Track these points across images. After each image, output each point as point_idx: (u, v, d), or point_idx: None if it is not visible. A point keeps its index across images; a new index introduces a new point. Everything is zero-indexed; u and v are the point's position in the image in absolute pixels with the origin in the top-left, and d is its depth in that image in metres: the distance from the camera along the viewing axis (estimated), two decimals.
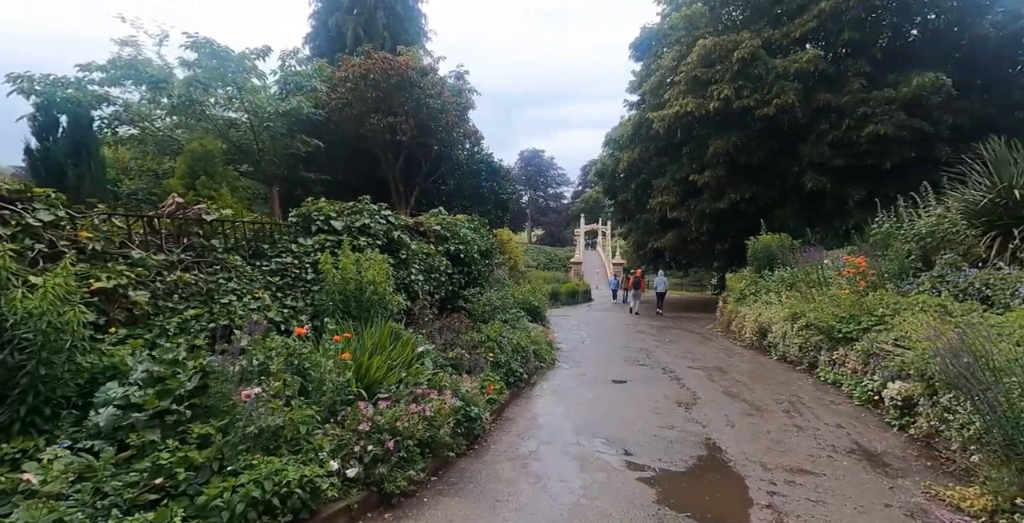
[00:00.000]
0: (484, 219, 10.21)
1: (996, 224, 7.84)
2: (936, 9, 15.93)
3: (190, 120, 8.97)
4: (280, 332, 4.17)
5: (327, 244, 5.20)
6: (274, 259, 4.74)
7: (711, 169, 17.45)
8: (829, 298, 7.73)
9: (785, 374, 7.39)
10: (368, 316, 4.77)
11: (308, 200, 5.54)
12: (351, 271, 4.78)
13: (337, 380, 3.54)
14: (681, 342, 10.88)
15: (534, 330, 8.60)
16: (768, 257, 11.22)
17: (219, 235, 4.31)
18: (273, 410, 2.87)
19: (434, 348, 5.08)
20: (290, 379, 3.27)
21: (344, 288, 4.69)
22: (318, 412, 3.27)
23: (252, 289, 4.17)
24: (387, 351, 4.32)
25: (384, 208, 6.32)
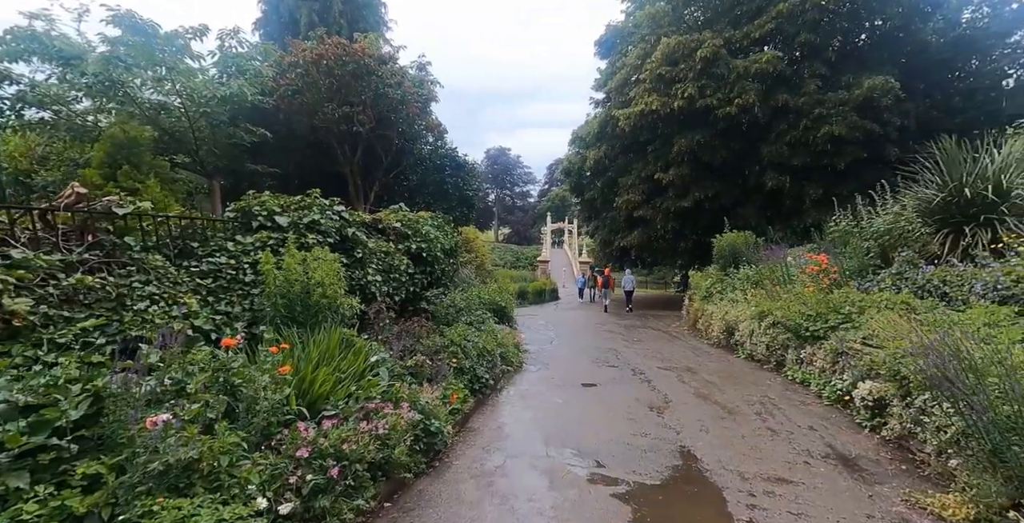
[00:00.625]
0: (448, 216, 9.77)
1: (949, 222, 8.07)
2: (883, 15, 16.56)
3: (111, 103, 8.01)
4: (211, 342, 3.65)
5: (270, 242, 4.66)
6: (206, 259, 4.18)
7: (676, 167, 17.59)
8: (795, 296, 7.74)
9: (753, 374, 7.34)
10: (316, 322, 4.29)
11: (249, 193, 4.97)
12: (296, 272, 4.28)
13: (273, 398, 3.07)
14: (649, 341, 10.80)
15: (501, 332, 8.25)
16: (733, 255, 11.31)
17: (136, 231, 3.73)
18: (187, 439, 2.39)
19: (391, 356, 4.64)
20: (213, 399, 2.79)
21: (288, 291, 4.19)
22: (247, 437, 2.80)
23: (176, 293, 3.62)
24: (336, 362, 3.86)
25: (338, 203, 5.80)
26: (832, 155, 15.67)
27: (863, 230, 9.27)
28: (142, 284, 3.44)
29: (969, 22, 16.33)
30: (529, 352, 9.31)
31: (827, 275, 8.32)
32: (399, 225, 7.09)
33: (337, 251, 5.41)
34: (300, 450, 2.86)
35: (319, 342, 4.00)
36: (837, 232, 11.49)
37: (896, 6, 15.90)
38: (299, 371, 3.52)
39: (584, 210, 24.40)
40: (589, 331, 12.99)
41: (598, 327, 13.62)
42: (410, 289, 7.07)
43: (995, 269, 6.01)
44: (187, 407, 2.56)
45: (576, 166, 22.50)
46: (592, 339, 11.35)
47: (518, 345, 8.28)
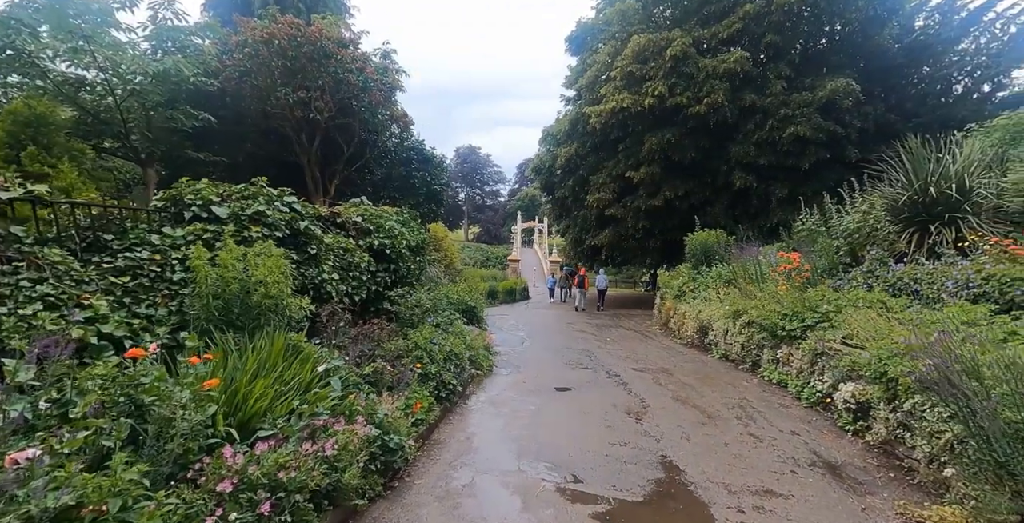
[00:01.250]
0: (415, 212, 9.26)
1: (915, 220, 8.15)
2: (842, 19, 16.97)
3: (14, 75, 6.99)
4: (123, 352, 3.08)
5: (205, 235, 4.08)
6: (122, 254, 3.58)
7: (647, 166, 17.56)
8: (769, 295, 7.63)
9: (729, 375, 7.17)
10: (258, 326, 3.75)
11: (182, 180, 4.36)
12: (234, 269, 3.73)
13: (194, 418, 2.56)
14: (622, 341, 10.58)
15: (470, 333, 7.82)
16: (705, 253, 11.25)
17: (29, 221, 3.12)
18: (63, 480, 1.87)
19: (347, 363, 4.15)
20: (111, 424, 2.26)
21: (223, 290, 3.64)
22: (156, 470, 2.29)
23: (79, 294, 3.03)
24: (278, 372, 3.36)
25: (289, 193, 5.23)
26: (797, 155, 15.93)
27: (831, 228, 9.32)
28: (32, 283, 2.84)
29: (922, 29, 16.94)
30: (500, 354, 8.92)
31: (799, 273, 8.28)
32: (360, 220, 6.55)
33: (287, 246, 4.87)
34: (223, 483, 2.37)
35: (259, 349, 3.47)
36: (804, 231, 11.61)
37: (854, 11, 16.31)
38: (232, 384, 3.00)
39: (555, 208, 24.17)
40: (561, 331, 12.70)
41: (570, 327, 13.36)
42: (372, 288, 6.54)
43: (966, 267, 6.01)
44: (69, 437, 2.03)
45: (547, 164, 22.25)
46: (564, 340, 11.06)
47: (488, 347, 7.87)
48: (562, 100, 22.30)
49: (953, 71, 16.71)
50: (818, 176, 16.29)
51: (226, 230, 3.91)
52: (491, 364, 7.70)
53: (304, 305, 4.09)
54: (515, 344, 10.28)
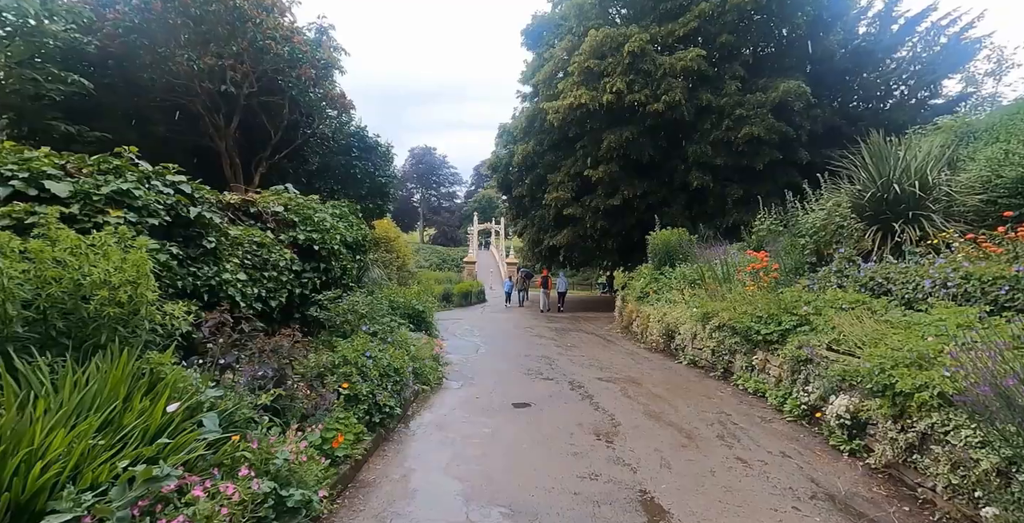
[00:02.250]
0: (355, 205, 8.21)
1: (878, 218, 7.98)
2: (791, 23, 17.27)
3: None
4: None
5: (30, 219, 2.96)
6: None
7: (605, 164, 17.15)
8: (741, 296, 7.16)
9: (702, 383, 6.61)
10: (99, 344, 2.70)
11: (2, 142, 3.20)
12: (69, 265, 2.67)
13: None
14: (584, 347, 9.92)
15: (416, 342, 6.88)
16: (667, 253, 10.82)
17: None
18: None
19: (240, 389, 3.14)
20: None
21: (39, 294, 2.57)
22: None
23: None
24: (114, 412, 2.33)
25: (176, 171, 4.12)
26: (751, 156, 15.99)
27: (795, 227, 9.06)
28: None
29: (864, 35, 17.52)
30: (452, 364, 8.02)
31: (767, 273, 7.90)
32: (282, 210, 5.50)
33: (171, 239, 3.79)
34: None
35: (96, 378, 2.44)
36: (763, 230, 11.42)
37: (801, 15, 16.64)
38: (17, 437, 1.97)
39: (512, 208, 23.44)
40: (519, 336, 11.92)
41: (528, 332, 12.61)
42: (296, 291, 5.49)
43: (942, 266, 5.71)
44: None
45: (503, 161, 21.51)
46: (523, 346, 10.28)
47: (437, 357, 6.95)
48: (518, 96, 21.68)
49: (892, 77, 17.35)
50: (771, 177, 16.45)
51: (49, 212, 2.80)
52: (440, 377, 6.78)
53: (179, 312, 3.05)
54: (469, 352, 9.40)
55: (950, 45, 16.29)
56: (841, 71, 17.57)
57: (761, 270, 7.95)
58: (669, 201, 17.57)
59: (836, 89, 18.04)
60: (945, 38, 16.44)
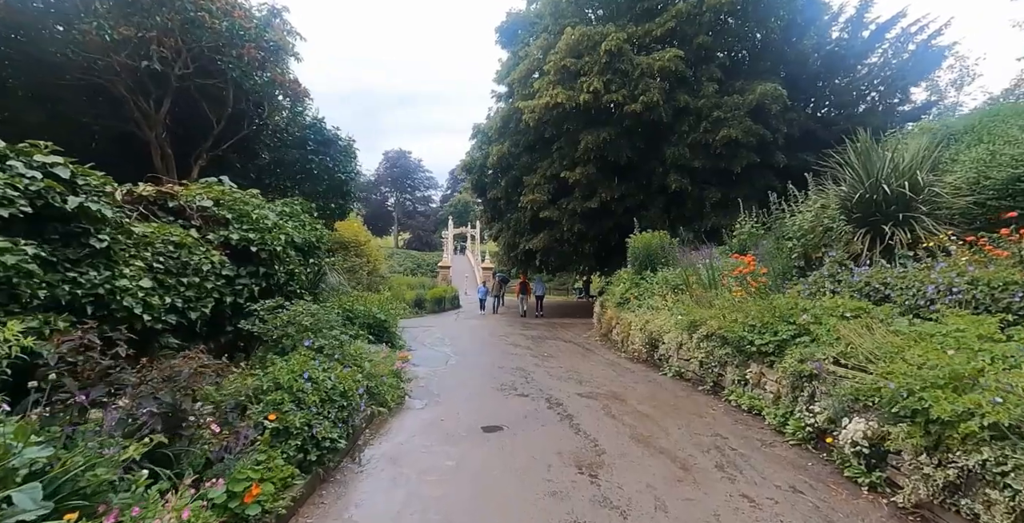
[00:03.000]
0: (308, 203, 7.40)
1: (867, 220, 7.64)
2: (765, 28, 17.25)
3: None
4: None
5: None
6: None
7: (583, 166, 16.71)
8: (730, 303, 6.67)
9: (690, 399, 6.05)
10: None
11: None
12: None
13: None
14: (561, 356, 9.29)
15: (374, 356, 6.11)
16: (648, 256, 10.33)
17: None
18: None
19: (105, 436, 2.36)
20: None
21: None
22: None
23: None
24: None
25: (49, 151, 3.30)
26: (729, 158, 15.78)
27: (784, 228, 8.67)
28: None
29: (837, 40, 17.62)
30: (418, 379, 7.27)
31: (755, 278, 7.45)
32: (210, 205, 4.67)
33: (41, 235, 2.97)
34: None
35: None
36: (744, 234, 11.09)
37: (775, 20, 16.63)
38: None
39: (487, 210, 22.74)
40: (493, 345, 11.22)
41: (502, 340, 11.92)
42: (227, 300, 4.68)
43: (945, 270, 5.32)
44: None
45: (478, 162, 20.85)
46: (496, 356, 9.58)
47: (399, 373, 6.19)
48: (493, 96, 21.09)
49: (863, 83, 17.51)
50: (749, 181, 16.29)
51: None
52: (402, 395, 6.02)
53: (10, 334, 2.24)
54: (438, 363, 8.66)
55: (919, 52, 16.50)
56: (815, 76, 17.63)
57: (749, 275, 7.50)
58: (647, 204, 17.21)
59: (810, 94, 18.11)
60: (914, 45, 16.65)
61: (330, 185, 9.33)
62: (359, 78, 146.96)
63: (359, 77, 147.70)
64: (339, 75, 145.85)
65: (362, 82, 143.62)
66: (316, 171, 8.91)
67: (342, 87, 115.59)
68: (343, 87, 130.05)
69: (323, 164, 9.22)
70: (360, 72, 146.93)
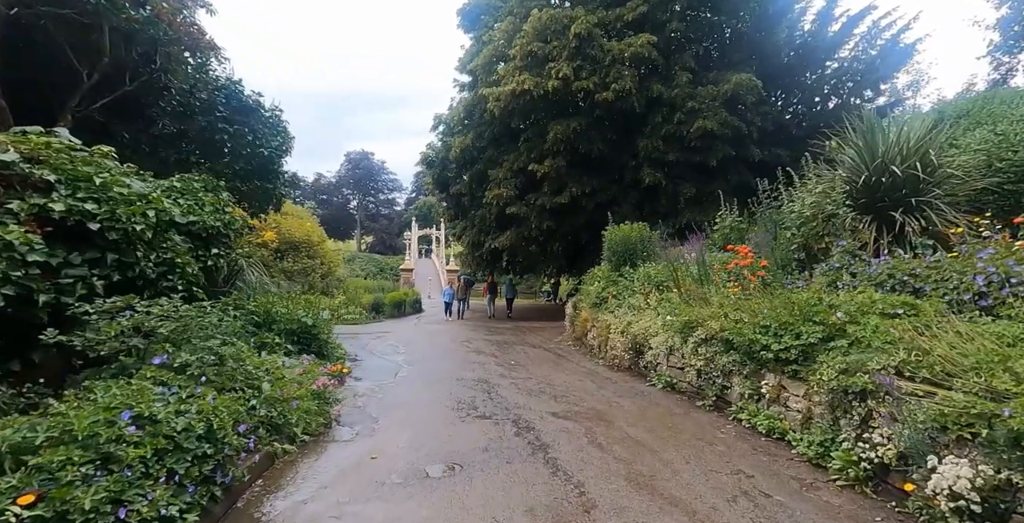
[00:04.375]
0: (213, 181, 5.90)
1: (874, 207, 6.80)
2: (736, 19, 16.72)
3: None
4: None
5: None
6: None
7: (551, 158, 15.61)
8: (730, 300, 5.60)
9: (690, 418, 4.90)
10: None
11: None
12: None
13: None
14: (531, 365, 8.04)
15: (287, 370, 4.68)
16: (627, 251, 9.25)
17: None
18: None
19: None
20: None
21: None
22: None
23: None
24: None
25: None
26: (704, 151, 15.03)
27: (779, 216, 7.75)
28: None
29: (809, 32, 17.27)
30: (355, 397, 5.88)
31: (753, 272, 6.44)
32: (14, 160, 3.17)
33: None
34: None
35: None
36: (726, 228, 10.22)
37: (746, 12, 16.13)
38: None
39: (450, 207, 21.29)
40: (453, 353, 9.87)
41: (464, 346, 10.58)
42: (39, 299, 3.18)
43: (996, 256, 4.40)
44: None
45: (440, 155, 19.46)
46: (456, 365, 8.25)
47: (323, 393, 4.77)
48: (456, 85, 19.78)
49: (833, 78, 17.20)
50: (724, 175, 15.60)
51: None
52: (324, 423, 4.61)
53: None
54: (385, 376, 7.26)
55: (888, 47, 16.31)
56: (787, 69, 17.20)
57: (747, 268, 6.49)
58: (620, 200, 16.24)
59: (782, 88, 17.69)
60: (883, 40, 16.45)
61: (250, 163, 7.52)
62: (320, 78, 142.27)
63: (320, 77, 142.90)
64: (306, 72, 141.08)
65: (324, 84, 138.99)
66: (230, 144, 7.15)
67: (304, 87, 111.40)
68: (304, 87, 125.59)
69: (240, 137, 7.40)
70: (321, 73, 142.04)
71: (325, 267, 26.55)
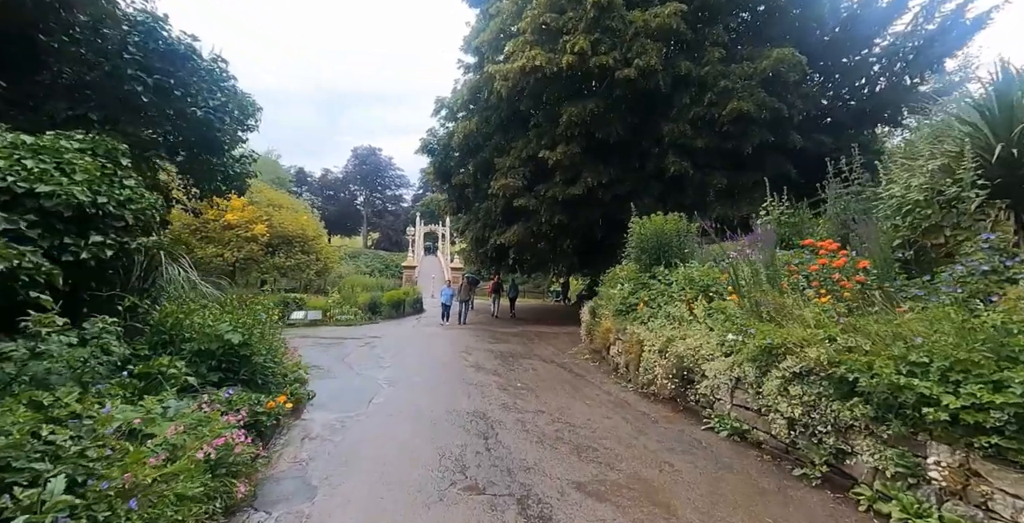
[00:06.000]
0: (116, 145, 4.31)
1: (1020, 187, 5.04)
2: None
3: None
4: None
5: None
6: None
7: (565, 144, 13.91)
8: (835, 316, 3.91)
9: (790, 501, 3.20)
10: None
11: None
12: None
13: None
14: (543, 389, 6.37)
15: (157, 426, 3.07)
16: (660, 248, 7.53)
17: None
18: None
19: None
20: None
21: None
22: None
23: None
24: None
25: None
26: (738, 137, 13.27)
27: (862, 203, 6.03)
28: None
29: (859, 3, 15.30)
30: (306, 440, 4.30)
31: (849, 275, 4.74)
32: None
33: None
34: None
35: None
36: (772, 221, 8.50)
37: None
38: None
39: (452, 199, 19.61)
40: (447, 368, 8.23)
41: (462, 359, 8.93)
42: None
43: None
44: None
45: (442, 142, 17.83)
46: (448, 388, 6.61)
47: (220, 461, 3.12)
48: (460, 66, 18.08)
49: (884, 56, 15.29)
50: (759, 164, 13.80)
51: None
52: (224, 508, 2.98)
53: None
54: (357, 403, 5.67)
55: (951, 20, 14.34)
56: (827, 47, 15.31)
57: (838, 270, 4.78)
58: (640, 191, 14.48)
59: (823, 68, 15.81)
60: (943, 12, 14.49)
61: (181, 129, 5.79)
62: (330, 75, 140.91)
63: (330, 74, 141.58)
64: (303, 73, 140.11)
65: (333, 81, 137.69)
66: (146, 100, 5.37)
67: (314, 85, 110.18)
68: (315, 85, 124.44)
69: (162, 91, 5.41)
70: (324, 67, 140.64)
71: (321, 263, 25.03)
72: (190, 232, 19.07)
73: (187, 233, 18.91)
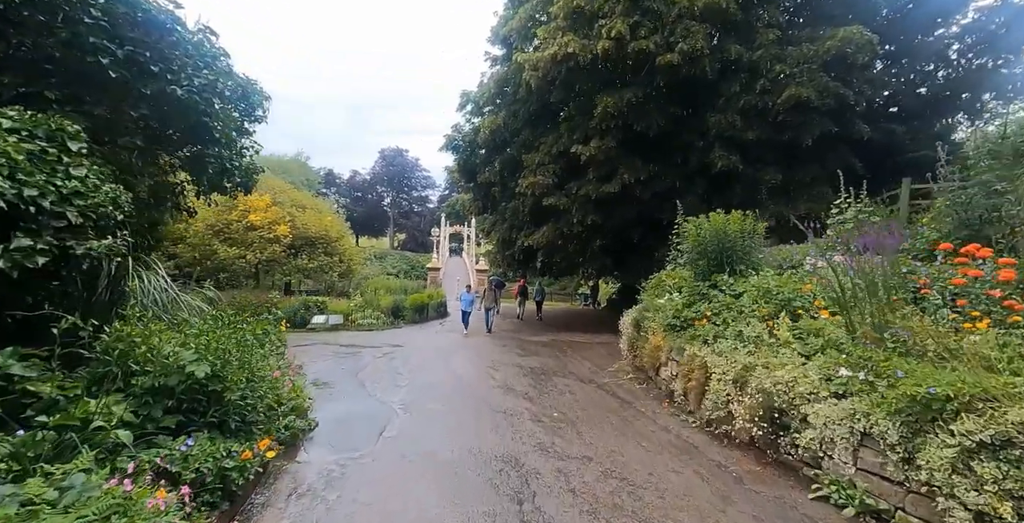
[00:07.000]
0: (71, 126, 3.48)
1: None
2: None
3: None
4: None
5: None
6: None
7: (599, 138, 12.77)
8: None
9: None
10: None
11: None
12: None
13: None
14: (585, 423, 5.29)
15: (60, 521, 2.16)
16: (723, 252, 6.31)
17: None
18: None
19: None
20: None
21: None
22: None
23: None
24: None
25: None
26: (795, 127, 11.88)
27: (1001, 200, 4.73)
28: None
29: None
30: (295, 498, 3.38)
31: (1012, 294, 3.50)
32: None
33: None
34: None
35: None
36: (851, 221, 7.19)
37: None
38: None
39: (477, 198, 18.65)
40: (472, 389, 7.23)
41: (489, 377, 7.92)
42: None
43: None
44: None
45: (467, 139, 16.91)
46: (473, 418, 5.61)
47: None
48: (487, 59, 17.13)
49: (965, 35, 13.58)
50: (819, 158, 12.42)
51: None
52: None
53: None
54: (364, 439, 4.73)
55: None
56: (889, 27, 13.69)
57: (1000, 287, 3.55)
58: (682, 189, 13.18)
59: (888, 51, 14.18)
60: None
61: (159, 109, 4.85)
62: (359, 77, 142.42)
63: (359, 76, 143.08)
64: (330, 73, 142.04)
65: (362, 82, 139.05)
66: (114, 75, 4.52)
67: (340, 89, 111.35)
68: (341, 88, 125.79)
69: (133, 64, 4.59)
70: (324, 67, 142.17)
71: (344, 265, 24.36)
72: (213, 233, 18.74)
73: (210, 235, 18.58)
